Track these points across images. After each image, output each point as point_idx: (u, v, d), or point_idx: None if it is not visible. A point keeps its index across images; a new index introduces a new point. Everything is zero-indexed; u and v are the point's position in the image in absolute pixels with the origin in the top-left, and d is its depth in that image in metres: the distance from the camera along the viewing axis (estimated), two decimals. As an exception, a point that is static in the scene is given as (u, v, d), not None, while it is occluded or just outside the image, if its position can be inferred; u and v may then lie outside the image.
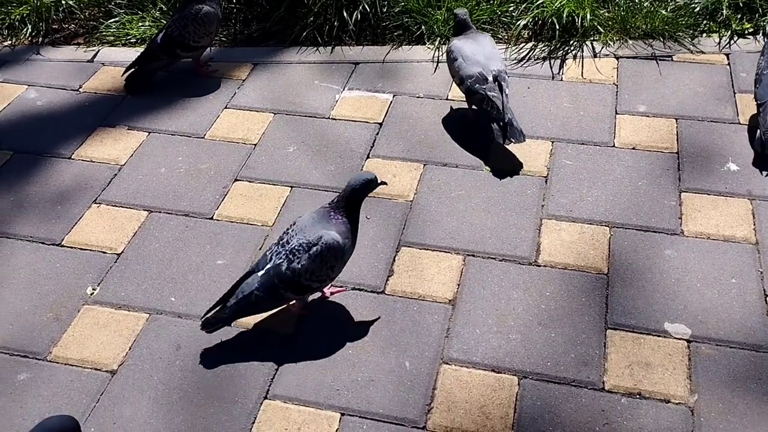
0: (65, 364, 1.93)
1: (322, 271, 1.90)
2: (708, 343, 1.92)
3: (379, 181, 1.94)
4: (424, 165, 2.51)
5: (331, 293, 2.09)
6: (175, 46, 2.82)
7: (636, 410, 1.78)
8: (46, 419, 1.48)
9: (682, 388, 1.82)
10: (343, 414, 1.81)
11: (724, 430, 1.73)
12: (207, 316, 1.94)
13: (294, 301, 2.01)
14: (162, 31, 2.84)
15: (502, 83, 2.48)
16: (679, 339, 1.93)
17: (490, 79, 2.47)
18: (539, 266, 2.15)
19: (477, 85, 2.48)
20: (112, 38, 3.18)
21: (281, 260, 1.89)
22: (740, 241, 2.17)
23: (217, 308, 1.93)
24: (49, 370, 1.92)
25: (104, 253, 2.24)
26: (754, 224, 2.21)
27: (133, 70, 2.88)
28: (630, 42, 2.98)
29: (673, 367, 1.87)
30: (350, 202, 1.92)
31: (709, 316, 1.98)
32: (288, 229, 1.95)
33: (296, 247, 1.88)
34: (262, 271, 1.90)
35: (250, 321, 2.02)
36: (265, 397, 1.85)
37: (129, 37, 3.18)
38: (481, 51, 2.54)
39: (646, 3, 3.06)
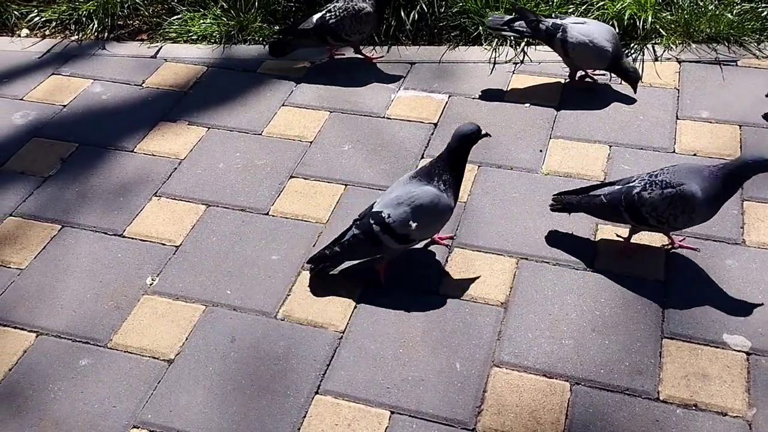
0: (125, 352, 1.99)
1: (665, 213, 1.99)
2: (769, 356, 1.87)
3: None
4: (479, 166, 2.51)
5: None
6: (327, 33, 2.90)
7: (691, 422, 1.75)
8: (460, 126, 1.97)
9: (739, 402, 1.78)
10: (392, 412, 1.83)
11: (784, 446, 1.69)
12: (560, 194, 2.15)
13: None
14: (322, 13, 2.91)
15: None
16: (738, 351, 1.88)
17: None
18: (594, 272, 2.12)
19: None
20: (174, 35, 3.26)
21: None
22: (805, 252, 2.11)
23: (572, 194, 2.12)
24: (110, 356, 1.98)
25: (163, 244, 2.30)
26: (821, 236, 2.15)
27: (282, 37, 3.03)
28: (693, 46, 2.92)
29: (732, 379, 1.83)
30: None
31: (770, 328, 1.93)
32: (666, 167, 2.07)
33: (657, 181, 2.00)
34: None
35: (302, 315, 2.05)
36: (317, 392, 1.88)
37: (191, 34, 3.24)
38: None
39: (711, 6, 2.99)
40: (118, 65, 3.11)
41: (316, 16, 2.91)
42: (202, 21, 3.27)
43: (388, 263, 2.12)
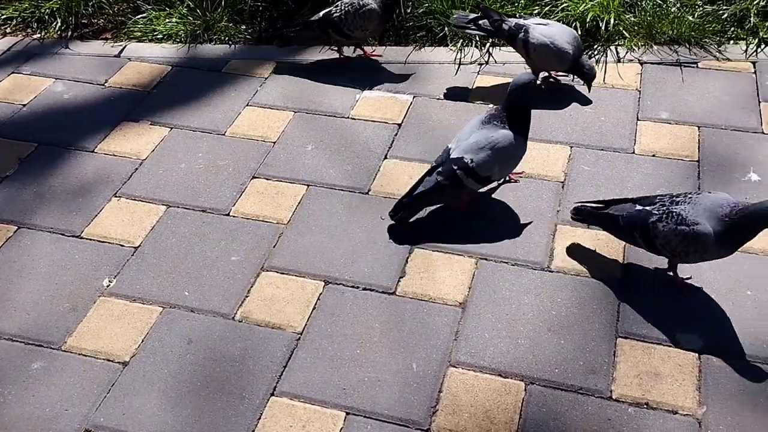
0: (79, 354, 1.97)
1: (677, 247, 1.96)
2: (719, 355, 1.89)
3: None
4: (441, 167, 2.51)
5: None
6: (329, 26, 2.90)
7: (643, 420, 1.77)
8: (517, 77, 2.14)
9: (690, 400, 1.80)
10: (348, 413, 1.83)
11: (732, 444, 1.71)
12: (581, 206, 2.16)
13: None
14: (329, 8, 2.92)
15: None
16: (691, 350, 1.91)
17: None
18: (551, 272, 2.14)
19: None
20: (139, 34, 3.23)
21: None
22: (758, 253, 2.13)
23: (596, 206, 2.13)
24: (63, 359, 1.96)
25: (122, 246, 2.28)
26: (774, 236, 2.18)
27: (287, 29, 3.06)
28: (655, 48, 2.95)
29: (683, 378, 1.85)
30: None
31: (722, 327, 1.95)
32: (689, 194, 2.01)
33: (675, 213, 1.94)
34: (639, 207, 2.04)
35: (260, 316, 2.05)
36: (272, 394, 1.87)
37: (156, 33, 3.22)
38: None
39: (673, 9, 3.03)
40: (81, 64, 3.08)
41: (324, 11, 2.94)
42: (167, 20, 3.25)
43: (470, 198, 2.32)
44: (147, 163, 2.59)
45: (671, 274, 2.06)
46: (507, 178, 2.40)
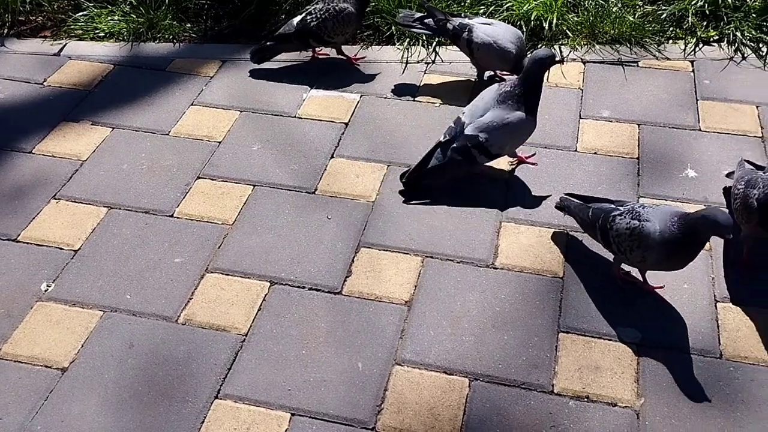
0: (14, 362, 1.92)
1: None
2: (657, 347, 1.94)
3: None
4: (388, 166, 2.52)
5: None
6: (308, 36, 2.85)
7: (583, 413, 1.80)
8: (536, 51, 2.31)
9: (629, 392, 1.84)
10: (293, 414, 1.82)
11: (668, 434, 1.76)
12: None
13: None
14: (302, 16, 2.85)
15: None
16: (629, 343, 1.95)
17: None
18: (496, 269, 2.16)
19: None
20: (80, 32, 3.16)
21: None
22: (694, 247, 2.19)
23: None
24: (-1, 366, 1.91)
25: (61, 249, 2.22)
26: (709, 230, 2.24)
27: (264, 43, 2.96)
28: (597, 47, 3.00)
29: (622, 370, 1.89)
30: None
31: (660, 320, 2.00)
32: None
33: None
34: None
35: (204, 319, 2.02)
36: (216, 397, 1.85)
37: (97, 31, 3.16)
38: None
39: (615, 9, 3.09)
40: (18, 63, 3.00)
41: (296, 19, 2.86)
42: (109, 18, 3.18)
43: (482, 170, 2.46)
44: (87, 164, 2.53)
45: (614, 270, 2.10)
46: (519, 160, 2.48)
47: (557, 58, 2.34)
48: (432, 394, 1.86)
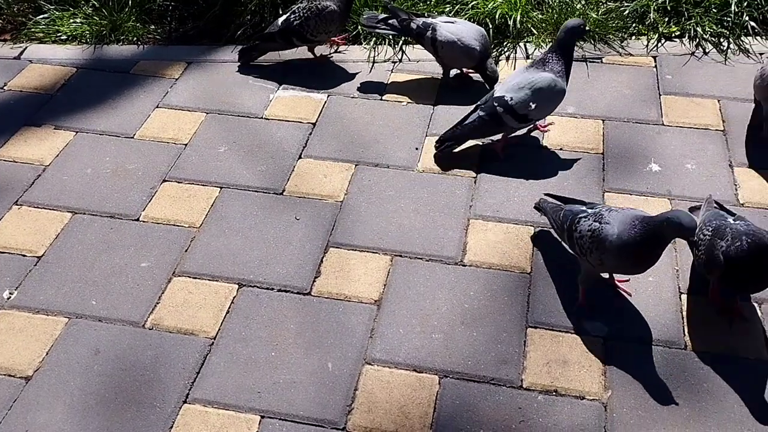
0: (-23, 371, 1.89)
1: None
2: (624, 340, 1.96)
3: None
4: (356, 165, 2.52)
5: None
6: (291, 35, 2.83)
7: (551, 407, 1.82)
8: (568, 21, 2.43)
9: (596, 385, 1.86)
10: (263, 416, 1.81)
11: (635, 424, 1.78)
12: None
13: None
14: (286, 15, 2.84)
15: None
16: (596, 336, 1.97)
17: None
18: (465, 266, 2.17)
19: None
20: (41, 35, 3.11)
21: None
22: (659, 240, 2.22)
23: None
24: (-39, 377, 1.87)
25: (24, 256, 2.19)
26: (673, 223, 2.27)
27: (252, 42, 2.96)
28: (562, 44, 3.02)
29: (590, 364, 1.91)
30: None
31: (626, 313, 2.02)
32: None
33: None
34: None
35: (171, 323, 2.00)
36: (185, 401, 1.84)
37: (59, 34, 3.11)
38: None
39: (578, 5, 3.12)
40: (-22, 67, 2.94)
41: (281, 19, 2.85)
42: (71, 20, 3.14)
43: (506, 141, 2.51)
44: (50, 169, 2.49)
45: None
46: (535, 126, 2.53)
47: (586, 27, 2.43)
48: (402, 392, 1.86)
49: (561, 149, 2.56)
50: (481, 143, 2.56)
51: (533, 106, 2.38)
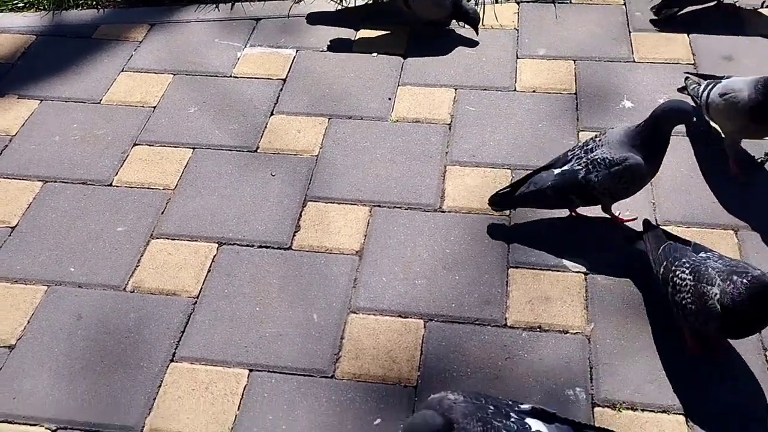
0: (-42, 344, 1.86)
1: (617, 189, 1.96)
2: (604, 274, 1.98)
3: (692, 119, 1.93)
4: (329, 119, 2.49)
5: (621, 221, 2.09)
6: None
7: (536, 342, 1.84)
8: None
9: (579, 319, 1.89)
10: (251, 370, 1.81)
11: (618, 353, 1.81)
12: (495, 196, 2.06)
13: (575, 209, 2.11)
14: None
15: None
16: (577, 272, 1.99)
17: None
18: (444, 212, 2.17)
19: None
20: (-3, 3, 3.02)
21: (579, 167, 1.96)
22: (634, 175, 2.24)
23: (507, 190, 2.05)
24: (-58, 350, 1.85)
25: (-3, 227, 2.15)
26: (647, 158, 2.29)
27: None
28: (530, -13, 2.99)
29: (571, 299, 1.93)
30: (656, 129, 1.92)
31: (605, 249, 2.04)
32: (596, 137, 1.99)
33: (598, 160, 1.94)
34: (558, 171, 1.99)
35: (152, 285, 1.99)
36: (172, 360, 1.83)
37: (15, 1, 3.02)
38: None
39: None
40: (-67, 39, 2.85)
41: None
42: (28, -13, 3.04)
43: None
44: (17, 138, 2.44)
45: (608, 216, 2.07)
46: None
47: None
48: (388, 338, 1.87)
49: (534, 91, 2.56)
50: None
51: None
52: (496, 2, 2.95)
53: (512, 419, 1.41)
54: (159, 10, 2.99)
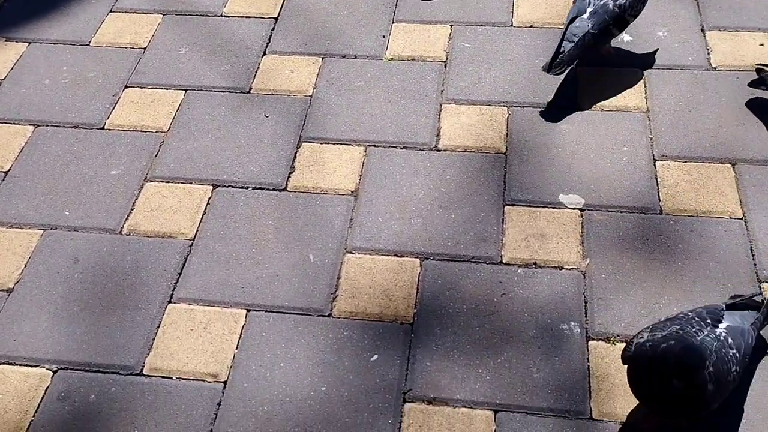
0: (-44, 288, 1.88)
1: (637, 5, 2.20)
2: (600, 209, 1.98)
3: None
4: (323, 58, 2.45)
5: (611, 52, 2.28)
6: None
7: (531, 279, 1.85)
8: None
9: (574, 255, 1.89)
10: (249, 310, 1.83)
11: (613, 288, 1.82)
12: (547, 65, 2.15)
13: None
14: None
15: None
16: (573, 209, 1.99)
17: None
18: (439, 151, 2.15)
19: None
20: (-22, -57, 2.92)
21: (605, 0, 2.14)
22: (632, 110, 2.21)
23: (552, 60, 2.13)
24: (-59, 295, 1.86)
25: (-11, 172, 2.14)
26: (646, 93, 2.26)
27: None
28: None
29: (567, 235, 1.93)
30: None
31: (601, 184, 2.03)
32: None
33: None
34: (587, 14, 2.15)
35: (148, 227, 1.99)
36: (170, 301, 1.85)
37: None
38: None
39: None
40: None
41: None
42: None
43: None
44: (6, 83, 2.40)
45: (611, 52, 2.28)
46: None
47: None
48: (385, 276, 1.88)
49: (531, 26, 2.50)
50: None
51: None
52: None
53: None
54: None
